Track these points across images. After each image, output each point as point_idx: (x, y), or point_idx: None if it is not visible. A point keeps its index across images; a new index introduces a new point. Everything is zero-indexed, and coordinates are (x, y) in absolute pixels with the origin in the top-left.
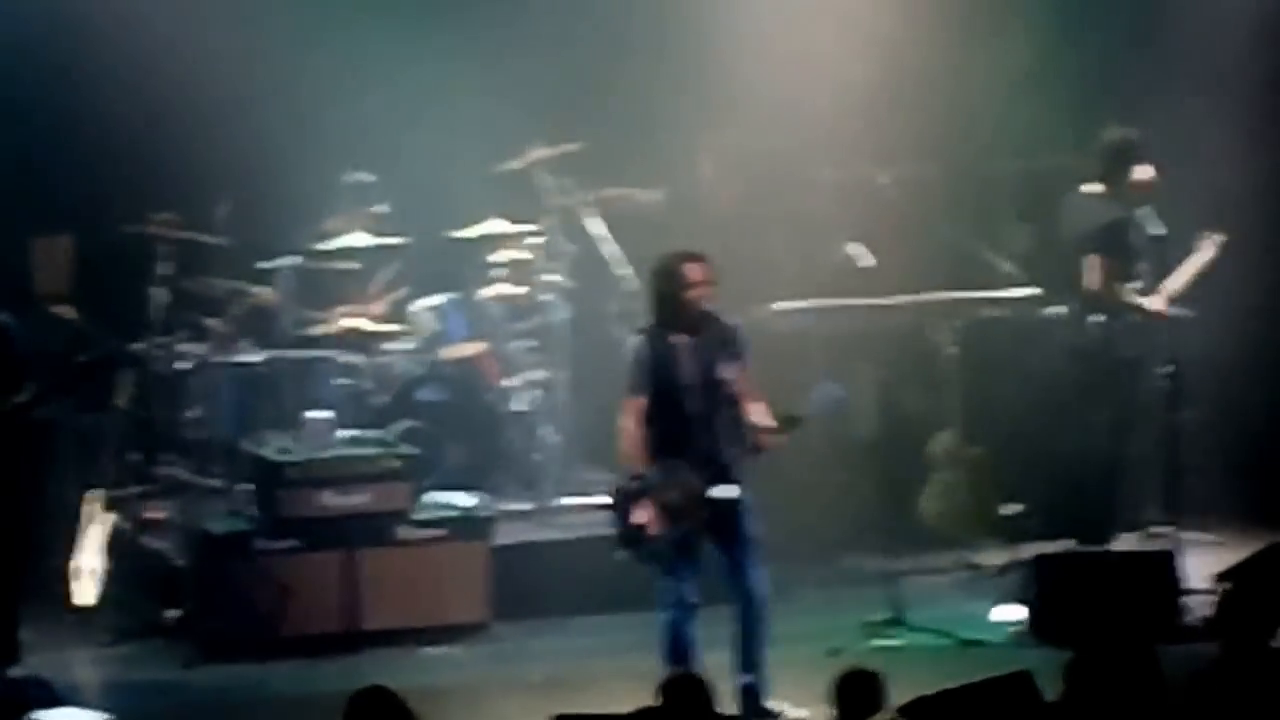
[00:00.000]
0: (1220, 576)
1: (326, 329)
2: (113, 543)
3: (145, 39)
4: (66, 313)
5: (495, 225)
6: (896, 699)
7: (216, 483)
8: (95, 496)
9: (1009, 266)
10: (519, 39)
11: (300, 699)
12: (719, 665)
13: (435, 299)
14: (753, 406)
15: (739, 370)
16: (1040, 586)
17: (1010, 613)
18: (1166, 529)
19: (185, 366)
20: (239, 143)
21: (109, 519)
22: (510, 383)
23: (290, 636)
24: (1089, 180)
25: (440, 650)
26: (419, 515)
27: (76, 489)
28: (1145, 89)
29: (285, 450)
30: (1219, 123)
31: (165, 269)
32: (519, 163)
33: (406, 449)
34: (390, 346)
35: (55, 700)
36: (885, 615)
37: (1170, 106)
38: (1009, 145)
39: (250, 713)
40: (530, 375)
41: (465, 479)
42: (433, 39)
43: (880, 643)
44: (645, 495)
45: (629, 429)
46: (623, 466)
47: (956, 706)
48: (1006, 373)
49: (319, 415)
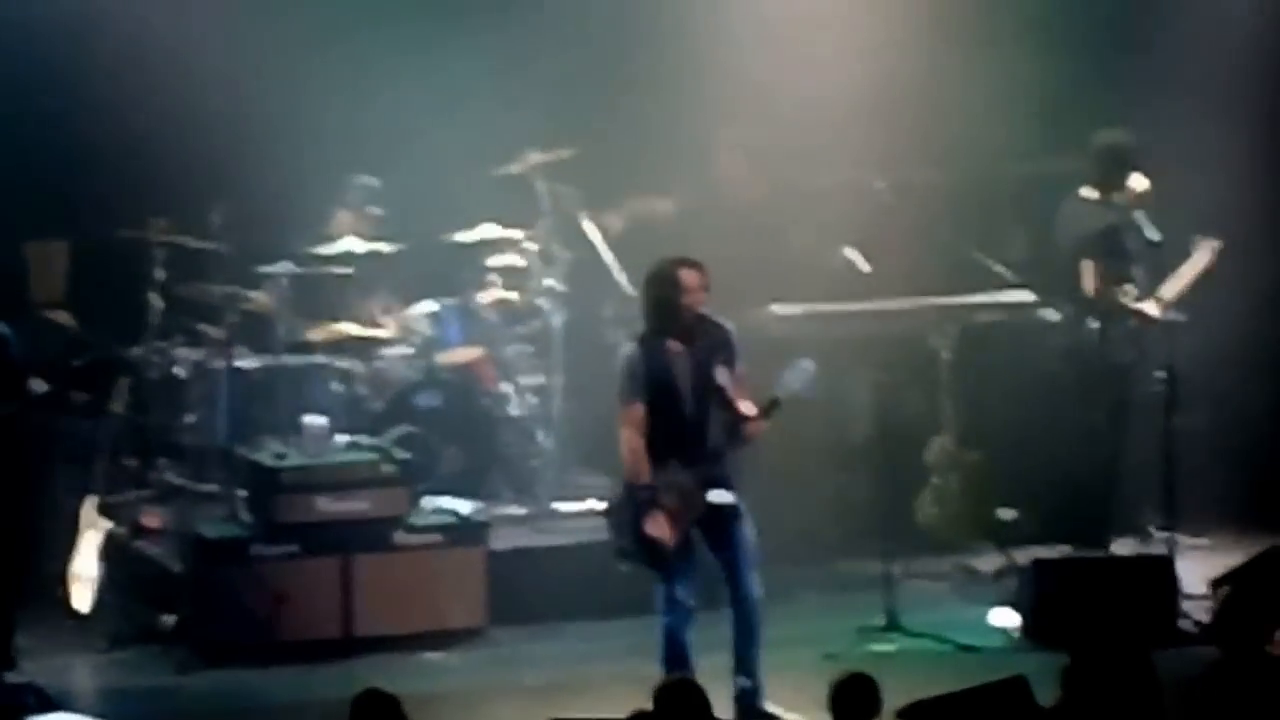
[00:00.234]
0: (1216, 581)
1: (322, 334)
2: (109, 548)
3: (140, 45)
4: (62, 318)
5: (491, 230)
6: (893, 704)
7: (213, 488)
8: (91, 502)
9: (1005, 271)
10: (517, 43)
11: (297, 705)
12: (714, 669)
13: (431, 304)
14: (742, 404)
15: (732, 374)
16: (1037, 591)
17: (1007, 617)
18: (1163, 533)
19: (181, 372)
20: (234, 148)
21: (105, 525)
22: (506, 388)
23: (287, 642)
24: (1084, 185)
25: (437, 656)
26: (415, 521)
27: (72, 495)
28: (1141, 93)
29: (281, 456)
30: (1215, 127)
31: (161, 274)
32: (516, 167)
33: (403, 454)
34: (386, 352)
35: (51, 706)
36: (881, 620)
37: (1166, 111)
38: (1005, 150)
39: (246, 719)
40: (527, 380)
41: (462, 484)
42: (430, 44)
43: (876, 647)
44: (655, 507)
45: (633, 440)
46: (625, 477)
47: (953, 711)
48: (1003, 377)
49: (315, 421)
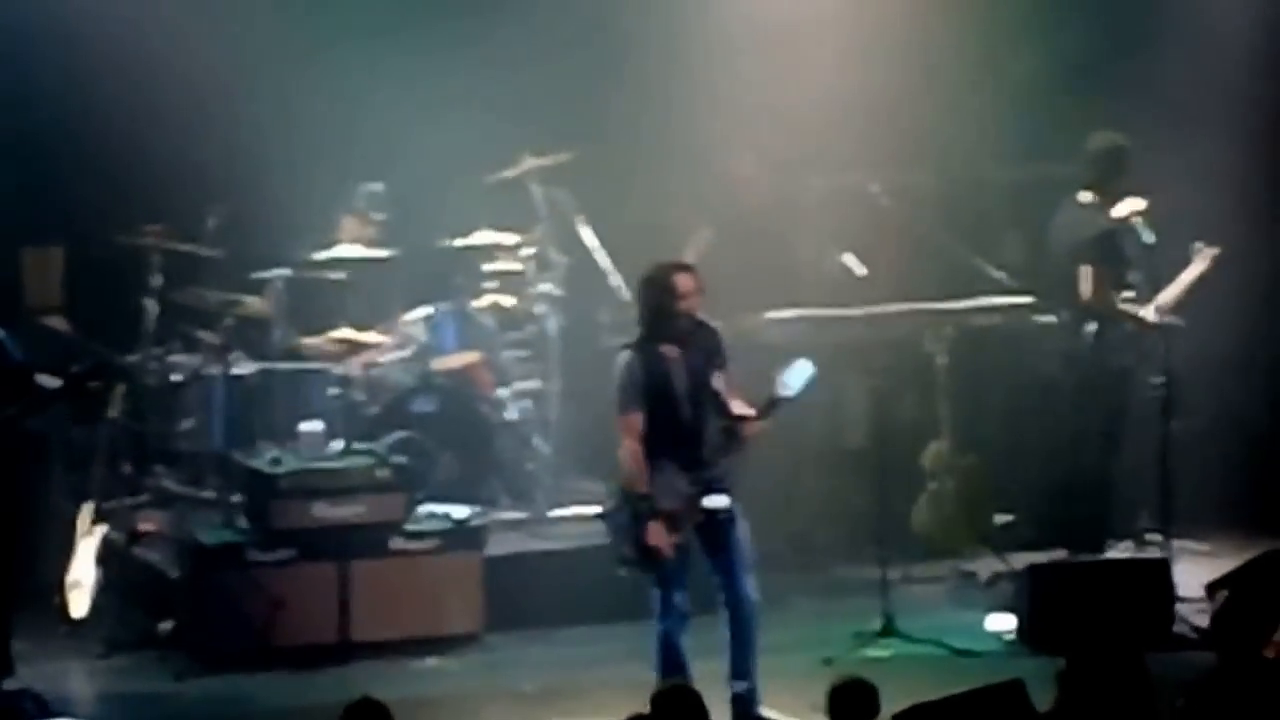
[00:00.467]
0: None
1: (319, 340)
2: (105, 554)
3: (136, 52)
4: (58, 324)
5: (488, 235)
6: (889, 709)
7: (209, 494)
8: (88, 508)
9: (1001, 275)
10: (512, 48)
11: (293, 710)
12: (711, 674)
13: (428, 309)
14: (734, 403)
15: (725, 377)
16: (1033, 595)
17: (1003, 622)
18: (1159, 538)
19: (177, 378)
20: (230, 154)
21: (101, 531)
22: (502, 393)
23: (283, 648)
24: (1080, 189)
25: (433, 661)
26: (411, 526)
27: (69, 501)
28: (1137, 99)
29: (278, 461)
30: (1211, 132)
31: (157, 280)
32: (512, 172)
33: (399, 460)
34: (383, 357)
35: (49, 712)
36: (878, 624)
37: (1162, 115)
38: (1001, 154)
39: None
40: (523, 385)
41: (458, 489)
42: (425, 50)
43: (873, 652)
44: (655, 515)
45: (634, 448)
46: (624, 484)
47: (949, 715)
48: (999, 382)
49: (311, 426)
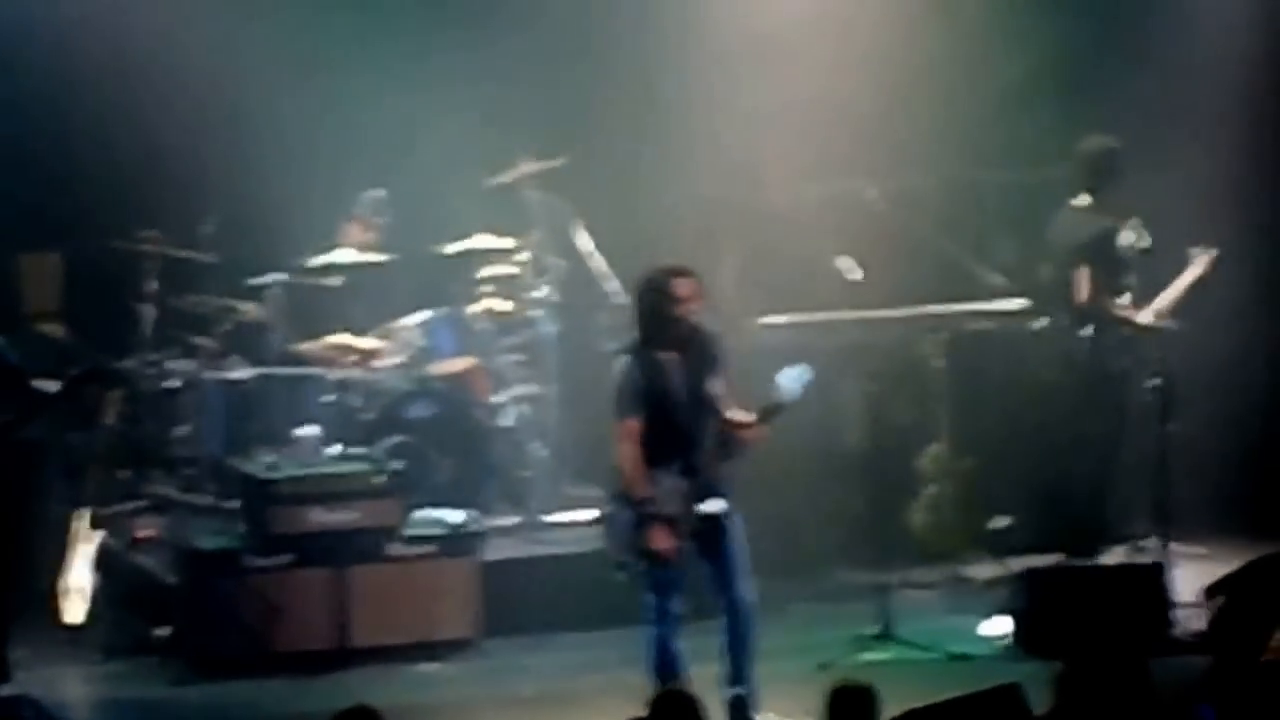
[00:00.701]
0: (1210, 589)
1: (315, 345)
2: (102, 560)
3: (133, 58)
4: (55, 330)
5: (483, 240)
6: (886, 713)
7: (205, 500)
8: (84, 514)
9: (997, 279)
10: (508, 54)
11: (290, 716)
12: (707, 678)
13: (424, 314)
14: (735, 412)
15: (722, 382)
16: (1029, 599)
17: (999, 626)
18: (1155, 542)
19: (174, 384)
20: (226, 160)
21: (98, 537)
22: (499, 398)
23: (280, 653)
24: (1074, 192)
25: (430, 667)
26: (408, 531)
27: (65, 507)
28: (1132, 102)
29: (274, 467)
30: (1205, 133)
31: (154, 286)
32: (508, 177)
33: (395, 465)
34: (379, 363)
35: (46, 718)
36: (875, 628)
37: (1155, 117)
38: (997, 157)
39: None
40: (519, 390)
41: (454, 495)
42: (423, 56)
43: (870, 656)
44: (656, 520)
45: (632, 454)
46: (624, 490)
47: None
48: (995, 386)
49: (308, 432)
